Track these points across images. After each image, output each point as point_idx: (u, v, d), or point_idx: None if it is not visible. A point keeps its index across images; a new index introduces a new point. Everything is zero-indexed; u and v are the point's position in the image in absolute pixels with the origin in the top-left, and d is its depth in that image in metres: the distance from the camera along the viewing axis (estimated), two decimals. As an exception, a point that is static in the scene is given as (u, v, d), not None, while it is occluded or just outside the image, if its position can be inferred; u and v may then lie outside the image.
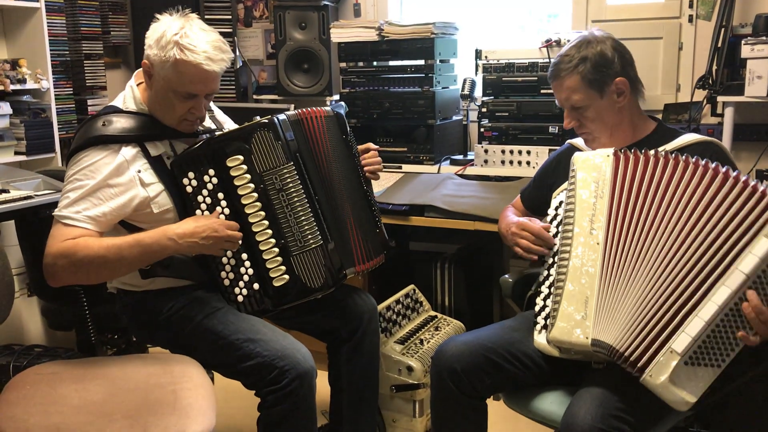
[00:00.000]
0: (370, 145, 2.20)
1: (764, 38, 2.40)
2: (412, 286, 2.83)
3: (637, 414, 1.59)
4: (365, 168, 2.15)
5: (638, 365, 1.56)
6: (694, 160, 1.63)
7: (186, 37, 1.79)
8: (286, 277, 1.91)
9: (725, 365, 1.51)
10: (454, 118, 3.30)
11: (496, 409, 2.07)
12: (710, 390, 1.53)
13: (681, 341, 1.53)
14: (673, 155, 1.66)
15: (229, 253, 1.92)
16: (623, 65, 1.85)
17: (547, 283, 1.84)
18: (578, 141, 2.02)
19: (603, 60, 1.83)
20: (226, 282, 1.93)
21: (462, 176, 3.01)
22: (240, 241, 1.87)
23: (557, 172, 2.00)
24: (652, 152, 1.70)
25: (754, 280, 1.50)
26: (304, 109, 2.02)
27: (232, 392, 2.56)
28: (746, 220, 1.53)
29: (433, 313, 2.83)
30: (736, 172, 1.59)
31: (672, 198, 1.62)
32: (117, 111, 1.92)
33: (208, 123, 2.06)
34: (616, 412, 1.56)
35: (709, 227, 1.56)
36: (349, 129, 2.12)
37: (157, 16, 1.87)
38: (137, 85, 1.96)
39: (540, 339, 1.80)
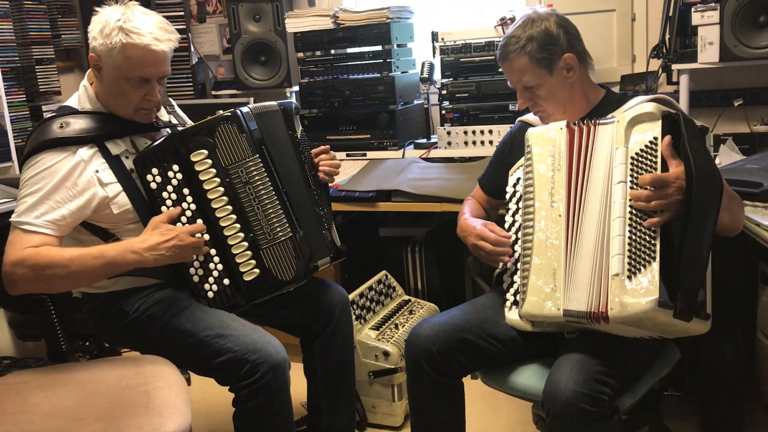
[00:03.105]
0: (327, 148, 2.13)
1: (713, 4, 2.43)
2: (384, 272, 2.83)
3: (617, 376, 1.62)
4: (321, 169, 2.08)
5: (602, 312, 1.57)
6: None
7: (129, 21, 1.77)
8: (257, 271, 1.88)
9: (658, 255, 1.53)
10: (416, 102, 3.30)
11: (474, 388, 2.08)
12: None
13: (614, 264, 1.56)
14: None
15: (196, 250, 1.89)
16: (569, 40, 1.86)
17: (512, 259, 1.85)
18: (530, 117, 2.03)
19: (549, 38, 1.83)
20: (195, 279, 1.91)
21: (426, 159, 3.01)
22: (206, 236, 1.85)
23: (513, 150, 2.01)
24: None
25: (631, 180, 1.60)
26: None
27: (209, 392, 2.55)
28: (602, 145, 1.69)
29: (406, 297, 2.84)
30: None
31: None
32: (73, 112, 1.88)
33: (170, 118, 2.02)
34: (597, 375, 1.58)
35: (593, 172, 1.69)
36: (297, 126, 2.06)
37: (97, 9, 1.84)
38: (90, 84, 1.93)
39: (511, 315, 1.82)
